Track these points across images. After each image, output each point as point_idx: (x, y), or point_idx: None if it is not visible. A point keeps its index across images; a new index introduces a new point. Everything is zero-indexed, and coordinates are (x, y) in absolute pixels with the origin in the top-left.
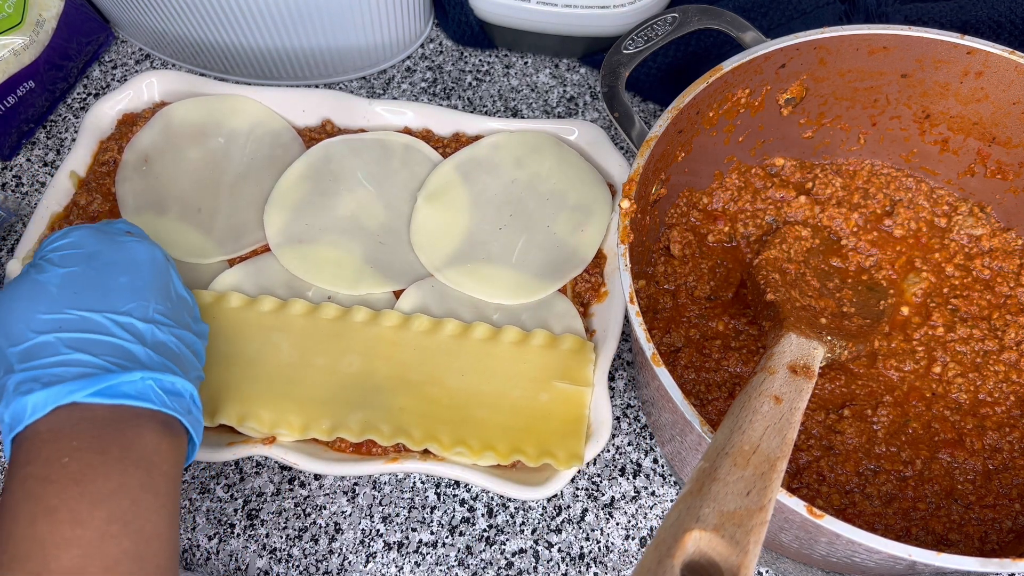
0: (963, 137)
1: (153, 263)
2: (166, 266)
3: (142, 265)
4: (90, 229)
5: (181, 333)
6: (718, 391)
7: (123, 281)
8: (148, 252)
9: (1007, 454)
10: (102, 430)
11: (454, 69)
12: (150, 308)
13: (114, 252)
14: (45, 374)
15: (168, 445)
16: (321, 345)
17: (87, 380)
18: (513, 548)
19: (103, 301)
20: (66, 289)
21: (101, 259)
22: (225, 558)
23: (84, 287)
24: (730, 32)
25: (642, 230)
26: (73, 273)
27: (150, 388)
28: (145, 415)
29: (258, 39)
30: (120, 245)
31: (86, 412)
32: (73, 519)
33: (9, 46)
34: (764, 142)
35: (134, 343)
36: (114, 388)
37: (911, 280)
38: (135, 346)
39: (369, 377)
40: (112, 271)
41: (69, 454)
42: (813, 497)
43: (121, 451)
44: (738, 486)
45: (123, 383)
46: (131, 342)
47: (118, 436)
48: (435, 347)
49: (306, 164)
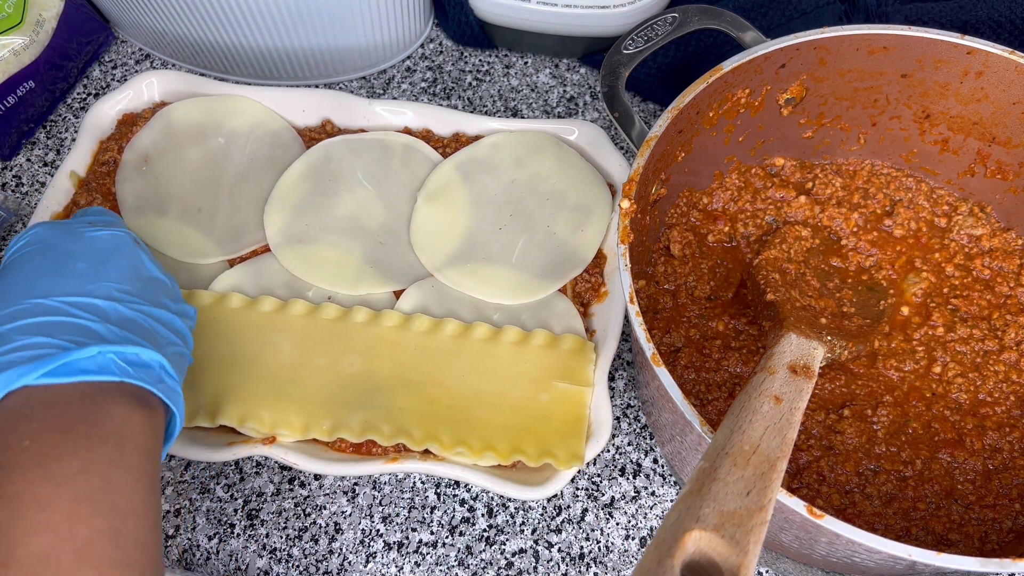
0: (963, 137)
1: (116, 247)
2: (133, 248)
3: (104, 251)
4: (48, 225)
5: (152, 310)
6: (718, 391)
7: (81, 267)
8: (111, 237)
9: (1007, 454)
10: (64, 408)
11: (454, 69)
12: (113, 288)
13: (72, 242)
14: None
15: (140, 417)
16: (321, 345)
17: (40, 362)
18: (513, 548)
19: (59, 286)
20: (21, 284)
21: (58, 250)
22: (225, 558)
23: (39, 277)
24: (730, 32)
25: (642, 230)
26: (28, 268)
27: (111, 361)
28: (111, 388)
29: (258, 39)
30: (78, 236)
31: (45, 393)
32: (38, 503)
33: (9, 46)
34: (764, 142)
35: (94, 321)
36: (70, 365)
37: (911, 280)
38: (95, 324)
39: (369, 377)
40: (69, 259)
41: (29, 436)
42: (813, 497)
43: (86, 428)
44: (738, 486)
45: (79, 360)
46: (90, 320)
47: (83, 413)
48: (435, 347)
49: (306, 164)
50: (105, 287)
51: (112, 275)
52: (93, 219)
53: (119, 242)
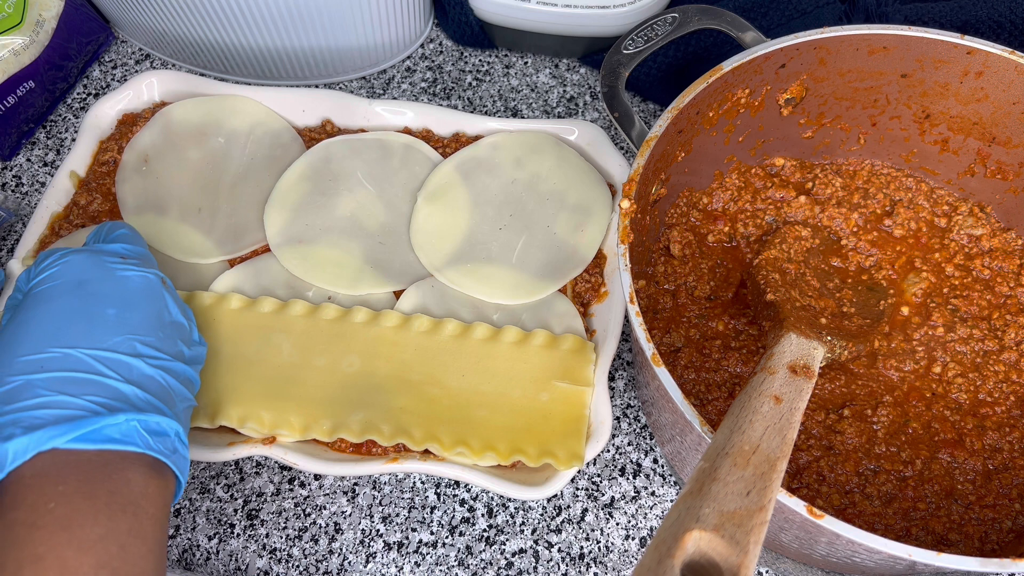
0: (963, 137)
1: (146, 291)
2: (160, 292)
3: (133, 294)
4: (82, 255)
5: (171, 365)
6: (718, 391)
7: (111, 313)
8: (141, 279)
9: (1007, 454)
10: (89, 474)
11: (454, 69)
12: (138, 341)
13: (103, 280)
14: (26, 417)
15: (155, 487)
16: (321, 346)
17: (70, 424)
18: (513, 548)
19: (88, 336)
20: (49, 325)
21: (88, 288)
22: (225, 558)
23: (68, 321)
24: (730, 32)
25: (642, 230)
26: (57, 307)
27: (134, 430)
28: (131, 457)
29: (258, 39)
30: (110, 272)
31: (71, 456)
32: (61, 566)
33: (9, 46)
34: (764, 142)
35: (119, 381)
36: (98, 432)
37: (911, 280)
38: (120, 384)
39: (369, 377)
40: (99, 302)
41: (56, 499)
42: (813, 497)
43: (108, 495)
44: (738, 486)
45: (107, 426)
46: (116, 380)
47: (105, 480)
48: (435, 347)
49: (306, 164)
50: (131, 341)
51: (139, 325)
52: (124, 250)
53: (148, 285)
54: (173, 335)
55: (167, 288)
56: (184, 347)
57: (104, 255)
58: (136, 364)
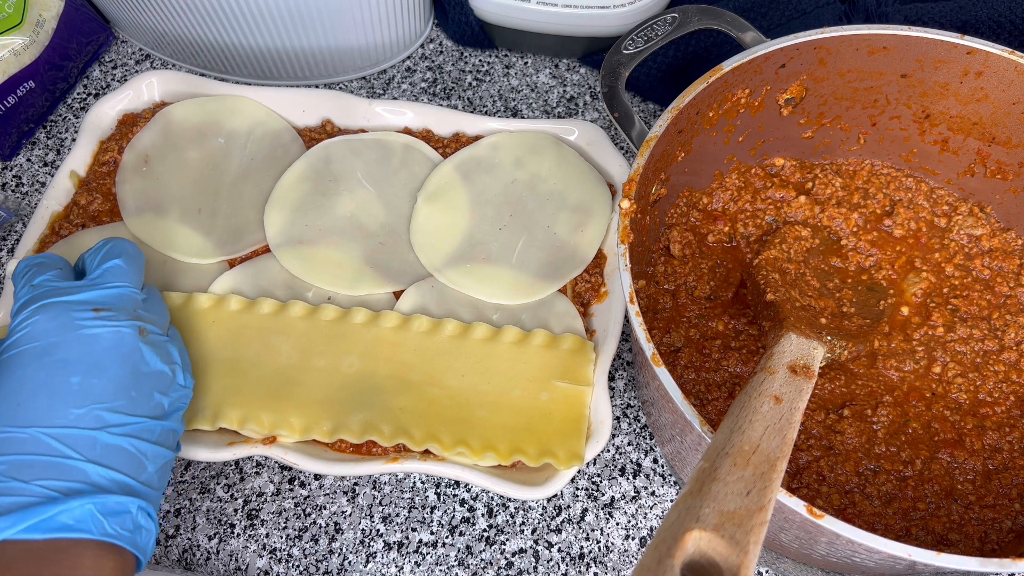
0: (963, 137)
1: (117, 348)
2: (134, 345)
3: (101, 355)
4: (49, 314)
5: (142, 427)
6: (718, 391)
7: (74, 382)
8: (112, 335)
9: (1007, 454)
10: (38, 562)
11: (454, 69)
12: (104, 409)
13: (70, 345)
14: None
15: (111, 566)
16: (321, 347)
17: (21, 513)
18: (513, 548)
19: (49, 413)
20: (10, 401)
21: (54, 355)
22: (225, 558)
23: (30, 396)
24: (730, 32)
25: (642, 230)
26: (20, 378)
27: (90, 514)
28: (84, 543)
29: (258, 39)
30: (77, 334)
31: (20, 546)
32: None
33: (9, 46)
34: (764, 142)
35: (80, 460)
36: (50, 521)
37: (911, 280)
38: (81, 463)
39: (369, 378)
40: (64, 370)
41: None
42: (813, 497)
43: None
44: (738, 486)
45: (60, 512)
46: (77, 459)
47: (56, 565)
48: (435, 347)
49: (306, 164)
50: (96, 411)
51: (106, 390)
52: (99, 298)
53: (119, 342)
54: (149, 389)
55: (145, 338)
56: (163, 398)
57: (74, 309)
58: (100, 437)
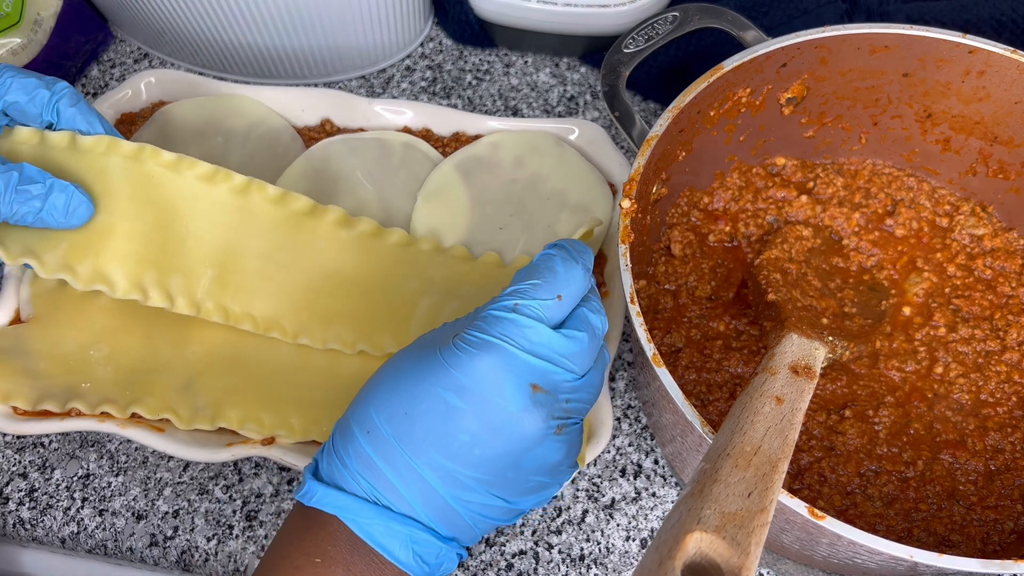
0: (965, 137)
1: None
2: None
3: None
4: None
5: (492, 509)
6: (719, 392)
7: (463, 440)
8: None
9: (1009, 455)
10: (359, 551)
11: (454, 68)
12: (467, 477)
13: None
14: None
15: None
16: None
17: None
18: (513, 549)
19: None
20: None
21: None
22: (224, 559)
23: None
24: (731, 31)
25: (643, 230)
26: None
27: (406, 542)
28: None
29: (257, 38)
30: None
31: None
32: None
33: (7, 46)
34: (765, 141)
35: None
36: (375, 527)
37: (913, 280)
38: None
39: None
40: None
41: None
42: (814, 498)
43: None
44: (739, 487)
45: (384, 528)
46: None
47: (366, 565)
48: None
49: (305, 164)
50: (458, 474)
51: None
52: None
53: None
54: (530, 473)
55: (559, 434)
56: (545, 479)
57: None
58: (447, 500)
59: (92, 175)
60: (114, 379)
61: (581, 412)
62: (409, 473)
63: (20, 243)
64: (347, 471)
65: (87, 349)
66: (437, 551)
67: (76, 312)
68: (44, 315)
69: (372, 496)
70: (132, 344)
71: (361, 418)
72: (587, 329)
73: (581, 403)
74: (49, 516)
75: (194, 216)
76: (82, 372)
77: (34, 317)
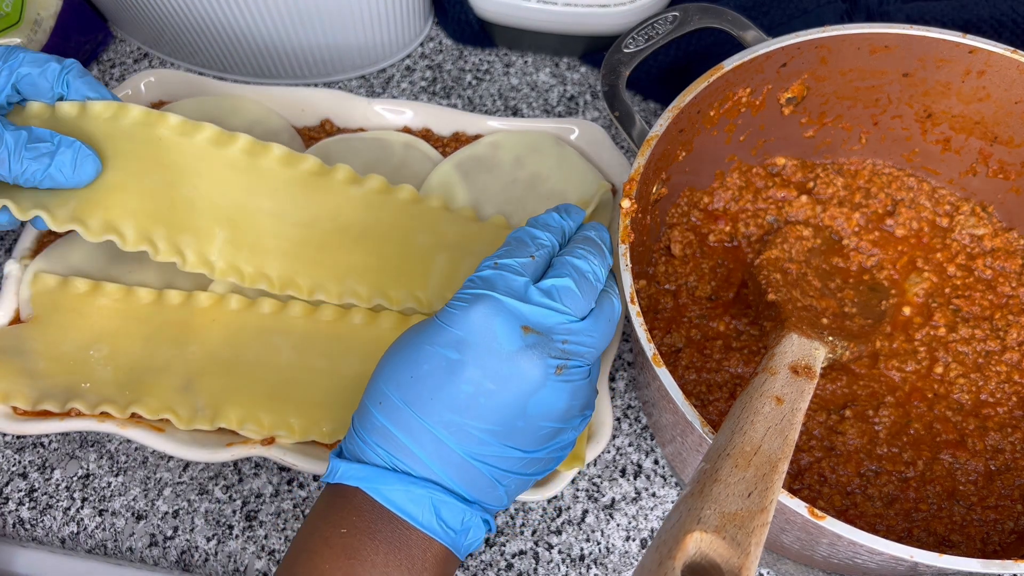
0: (965, 136)
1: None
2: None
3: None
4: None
5: (509, 460)
6: (719, 392)
7: (467, 391)
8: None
9: (1009, 455)
10: (381, 518)
11: (454, 68)
12: (477, 429)
13: None
14: None
15: (436, 551)
16: (321, 347)
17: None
18: (513, 549)
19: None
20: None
21: None
22: (224, 559)
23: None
24: (731, 31)
25: (643, 230)
26: None
27: (430, 506)
28: None
29: (257, 38)
30: None
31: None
32: None
33: (7, 45)
34: (765, 141)
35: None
36: (395, 492)
37: (913, 280)
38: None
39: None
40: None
41: None
42: (814, 498)
43: None
44: (739, 487)
45: (404, 493)
46: None
47: (392, 533)
48: None
49: None
50: (468, 427)
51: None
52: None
53: None
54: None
55: (560, 375)
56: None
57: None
58: (463, 455)
59: (101, 138)
60: (114, 379)
61: (584, 356)
62: (423, 434)
63: (31, 198)
64: (365, 445)
65: (87, 349)
66: (461, 514)
67: (76, 312)
68: (44, 315)
69: (390, 464)
70: (132, 344)
71: (373, 393)
72: (569, 272)
73: (582, 346)
74: (49, 516)
75: (203, 177)
76: (82, 372)
77: (34, 317)
